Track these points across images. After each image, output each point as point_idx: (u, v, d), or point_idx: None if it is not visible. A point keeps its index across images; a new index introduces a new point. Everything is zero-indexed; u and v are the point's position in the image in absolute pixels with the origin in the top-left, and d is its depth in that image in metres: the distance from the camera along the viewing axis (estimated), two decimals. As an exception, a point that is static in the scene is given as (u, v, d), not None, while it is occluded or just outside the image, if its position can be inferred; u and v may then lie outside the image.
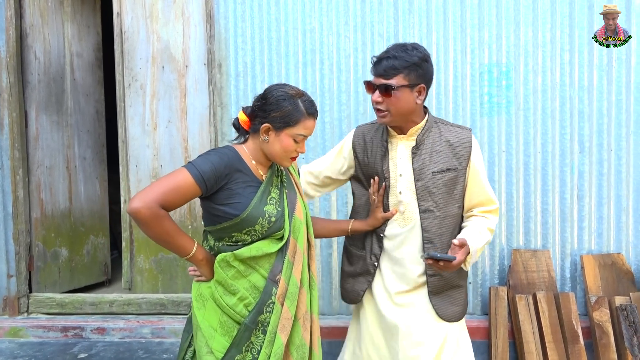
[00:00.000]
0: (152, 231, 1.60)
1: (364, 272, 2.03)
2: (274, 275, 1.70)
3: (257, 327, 1.68)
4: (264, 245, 1.70)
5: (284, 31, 3.02)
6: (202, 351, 1.69)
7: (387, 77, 1.84)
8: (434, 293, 1.93)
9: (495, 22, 2.90)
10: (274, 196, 1.74)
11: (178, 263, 3.27)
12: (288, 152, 1.72)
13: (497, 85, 2.90)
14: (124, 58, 3.28)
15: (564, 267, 2.92)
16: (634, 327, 2.60)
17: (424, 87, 1.88)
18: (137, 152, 3.29)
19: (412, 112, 1.90)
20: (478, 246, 1.87)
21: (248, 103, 3.03)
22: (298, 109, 1.69)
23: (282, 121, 1.68)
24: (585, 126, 2.87)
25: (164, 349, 2.91)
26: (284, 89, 1.73)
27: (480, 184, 1.96)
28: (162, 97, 3.24)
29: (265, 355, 1.66)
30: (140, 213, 1.55)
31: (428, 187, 1.91)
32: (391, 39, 2.95)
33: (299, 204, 1.81)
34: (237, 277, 1.69)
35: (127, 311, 3.21)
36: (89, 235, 3.71)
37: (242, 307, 1.68)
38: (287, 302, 1.71)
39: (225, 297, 1.68)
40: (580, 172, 2.89)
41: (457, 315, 1.96)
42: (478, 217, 1.97)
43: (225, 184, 1.66)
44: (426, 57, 1.87)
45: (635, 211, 2.87)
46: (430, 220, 1.92)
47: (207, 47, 3.14)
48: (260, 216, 1.67)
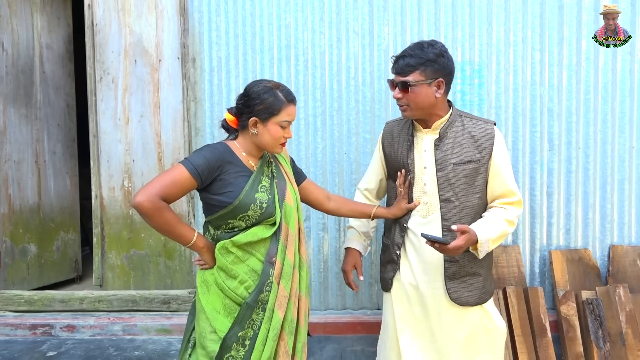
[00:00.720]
0: (155, 222, 1.76)
1: (390, 260, 2.17)
2: (270, 258, 1.87)
3: (258, 305, 1.85)
4: (258, 231, 1.86)
5: (258, 26, 3.01)
6: (205, 331, 1.85)
7: (404, 74, 1.97)
8: (450, 278, 2.04)
9: (469, 21, 2.93)
10: (264, 184, 1.90)
11: (150, 259, 3.24)
12: (277, 139, 1.88)
13: (469, 83, 2.94)
14: (95, 51, 3.22)
15: (533, 263, 2.99)
16: (599, 321, 2.67)
17: (443, 81, 1.98)
18: (108, 146, 3.24)
19: (434, 106, 2.01)
20: (491, 236, 1.96)
21: (222, 98, 3.03)
22: (278, 98, 1.86)
23: (267, 112, 1.84)
24: (554, 124, 2.93)
25: (136, 346, 2.87)
26: (262, 83, 1.89)
27: (501, 176, 2.04)
28: (135, 91, 3.20)
29: (265, 330, 1.84)
30: (143, 206, 1.72)
31: (449, 177, 2.02)
32: (366, 35, 2.96)
33: (288, 191, 1.96)
34: (237, 262, 1.86)
35: (98, 308, 3.16)
36: (59, 231, 3.64)
37: (242, 290, 1.85)
38: (282, 281, 1.89)
39: (227, 281, 1.85)
40: (549, 169, 2.95)
41: (472, 300, 2.05)
42: (497, 208, 2.06)
43: (218, 176, 1.83)
44: (442, 52, 1.97)
45: (601, 208, 2.94)
46: (449, 210, 2.02)
47: (181, 41, 3.10)
48: (252, 202, 1.83)
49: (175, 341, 2.92)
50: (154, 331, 3.00)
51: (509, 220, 2.02)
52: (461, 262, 2.04)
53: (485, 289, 2.09)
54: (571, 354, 2.66)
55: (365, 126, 2.98)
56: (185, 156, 3.13)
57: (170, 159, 3.19)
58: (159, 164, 3.20)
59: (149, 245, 3.24)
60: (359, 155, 2.99)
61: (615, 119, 2.91)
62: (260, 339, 1.83)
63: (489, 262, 2.13)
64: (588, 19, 2.89)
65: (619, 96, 2.90)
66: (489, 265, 2.14)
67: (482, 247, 1.95)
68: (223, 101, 3.03)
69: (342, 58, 2.98)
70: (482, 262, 2.07)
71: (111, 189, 3.25)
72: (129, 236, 3.25)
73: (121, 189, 3.24)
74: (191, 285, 3.17)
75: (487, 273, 2.12)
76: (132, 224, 3.24)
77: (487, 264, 2.12)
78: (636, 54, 2.89)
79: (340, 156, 3.00)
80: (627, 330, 2.67)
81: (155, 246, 3.23)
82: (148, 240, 3.23)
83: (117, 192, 3.25)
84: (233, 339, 1.83)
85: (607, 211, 2.94)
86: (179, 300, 3.12)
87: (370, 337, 2.91)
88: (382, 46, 2.96)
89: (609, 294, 2.75)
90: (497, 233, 1.98)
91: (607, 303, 2.73)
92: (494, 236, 1.97)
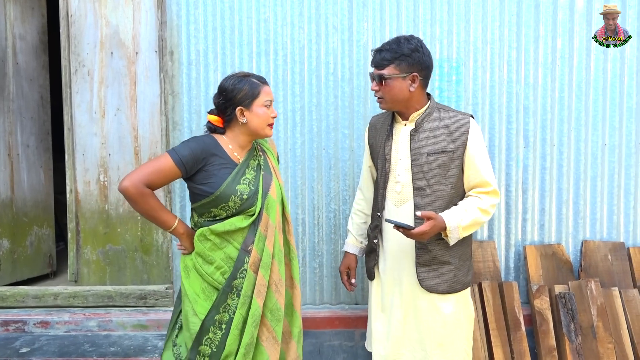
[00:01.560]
0: (139, 207, 1.92)
1: (371, 250, 2.28)
2: (246, 246, 1.97)
3: (232, 290, 1.95)
4: (236, 221, 1.97)
5: (237, 20, 2.99)
6: (188, 314, 1.97)
7: (381, 67, 2.05)
8: (422, 265, 2.10)
9: (447, 19, 2.95)
10: (248, 177, 2.00)
11: (127, 254, 3.20)
12: (265, 119, 2.00)
13: (447, 80, 2.97)
14: (70, 42, 3.16)
15: (509, 257, 3.03)
16: (571, 314, 2.73)
17: (417, 75, 2.03)
18: (84, 140, 3.19)
19: (408, 99, 2.08)
20: (461, 223, 2.01)
21: (200, 92, 3.00)
22: (253, 83, 1.99)
23: (248, 98, 1.97)
24: (530, 122, 2.98)
25: (112, 342, 2.84)
26: (234, 76, 2.02)
27: (476, 167, 2.08)
28: (111, 84, 3.15)
29: (240, 316, 1.95)
30: (128, 191, 1.87)
31: (422, 167, 2.07)
32: (345, 31, 2.96)
33: (273, 185, 2.06)
34: (214, 249, 1.97)
35: (73, 304, 3.11)
36: (32, 226, 3.58)
37: (219, 275, 1.96)
38: (261, 270, 1.98)
39: (204, 266, 1.97)
40: (524, 165, 2.99)
41: (441, 288, 2.10)
42: (471, 196, 2.10)
43: (203, 167, 1.94)
44: (417, 47, 2.03)
45: (574, 204, 3.00)
46: (422, 198, 2.08)
47: (159, 34, 3.07)
48: (233, 194, 1.94)
49: (151, 337, 2.89)
50: (130, 327, 2.97)
51: (483, 209, 2.05)
52: (432, 249, 2.09)
53: (457, 278, 2.13)
54: (544, 347, 2.72)
55: (344, 122, 2.99)
56: (162, 150, 3.10)
57: (147, 153, 3.15)
58: (136, 158, 3.16)
59: (126, 240, 3.20)
60: (337, 150, 2.99)
61: (588, 117, 2.97)
62: (235, 323, 1.93)
63: (463, 252, 2.16)
64: (563, 17, 2.94)
65: (592, 94, 2.96)
66: (464, 255, 2.17)
67: (451, 233, 2.01)
68: (201, 95, 3.01)
69: (322, 53, 2.98)
70: (454, 251, 2.11)
71: (86, 183, 3.20)
72: (104, 231, 3.21)
73: (97, 183, 3.19)
74: (168, 281, 3.15)
75: (460, 263, 2.15)
76: (108, 218, 3.20)
77: (461, 254, 2.15)
78: (609, 53, 2.95)
79: (319, 151, 3.00)
80: (598, 324, 2.73)
81: (132, 241, 3.20)
82: (124, 235, 3.20)
83: (92, 186, 3.20)
84: (210, 322, 1.94)
85: (580, 207, 3.00)
86: (155, 295, 3.09)
87: (348, 331, 2.93)
88: (361, 42, 2.97)
89: (581, 288, 2.81)
90: (469, 221, 2.02)
91: (579, 297, 2.79)
92: (464, 224, 2.01)
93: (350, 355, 2.95)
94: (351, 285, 2.42)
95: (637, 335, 2.74)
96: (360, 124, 2.98)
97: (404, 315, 2.16)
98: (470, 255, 2.24)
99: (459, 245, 2.11)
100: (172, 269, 3.09)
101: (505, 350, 2.72)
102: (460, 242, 2.11)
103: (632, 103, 2.96)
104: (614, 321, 2.76)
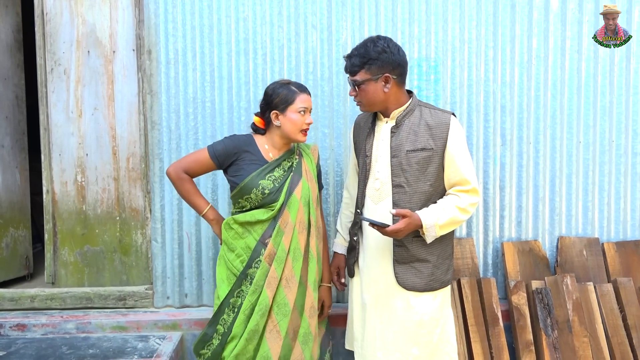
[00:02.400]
0: (178, 189, 2.29)
1: (352, 247, 2.30)
2: (264, 239, 2.16)
3: (246, 278, 2.16)
4: (257, 213, 2.17)
5: (216, 19, 2.97)
6: (216, 297, 2.25)
7: (353, 74, 2.09)
8: (399, 262, 2.11)
9: (425, 18, 2.98)
10: (275, 175, 2.19)
11: (105, 256, 3.16)
12: (298, 125, 2.17)
13: (425, 79, 2.99)
14: (45, 41, 3.11)
15: (487, 254, 3.07)
16: (548, 309, 2.78)
17: (389, 76, 2.03)
18: (60, 140, 3.14)
19: (385, 100, 2.09)
20: (438, 221, 2.01)
21: (179, 91, 2.98)
22: (291, 90, 2.17)
23: (283, 103, 2.16)
24: (507, 120, 3.02)
25: (90, 344, 2.81)
26: (276, 82, 2.23)
27: (456, 165, 2.08)
28: (88, 83, 3.11)
29: (249, 302, 2.13)
30: (170, 175, 2.27)
31: (401, 164, 2.07)
32: (324, 30, 2.97)
33: (300, 186, 2.21)
34: (236, 237, 2.19)
35: (50, 306, 3.07)
36: (8, 227, 3.51)
37: (238, 262, 2.18)
38: (274, 263, 2.14)
39: (228, 253, 2.21)
40: (502, 163, 3.03)
41: (418, 286, 2.09)
42: (450, 195, 2.10)
43: (235, 160, 2.20)
44: (384, 49, 2.03)
45: (550, 200, 3.05)
46: (400, 195, 2.08)
47: (136, 33, 3.03)
48: (255, 187, 2.14)
49: (131, 338, 2.87)
50: (109, 328, 2.94)
51: (461, 208, 2.05)
52: (409, 247, 2.09)
53: (435, 276, 2.12)
54: (521, 341, 2.76)
55: (323, 120, 2.99)
56: (141, 150, 3.07)
57: (125, 153, 3.12)
58: (114, 158, 3.13)
59: (104, 241, 3.17)
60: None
61: (563, 115, 3.02)
62: (243, 308, 2.13)
63: (442, 250, 2.15)
64: (538, 17, 2.99)
65: (567, 93, 3.01)
66: (443, 254, 2.16)
67: (428, 231, 2.01)
68: (180, 94, 2.99)
69: (301, 52, 2.99)
70: (433, 249, 2.11)
71: (63, 183, 3.16)
72: (82, 232, 3.17)
73: (74, 183, 3.15)
74: (148, 282, 3.12)
75: (439, 261, 2.14)
76: (86, 219, 3.16)
77: (440, 253, 2.14)
78: (583, 53, 3.00)
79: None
80: (574, 318, 2.79)
81: (111, 242, 3.17)
82: (103, 236, 3.16)
83: (69, 186, 3.15)
84: (226, 305, 2.18)
85: (556, 204, 3.05)
86: (135, 296, 3.06)
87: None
88: (340, 41, 2.98)
89: (557, 284, 2.86)
90: (446, 219, 2.02)
91: (555, 292, 2.84)
92: (441, 222, 2.01)
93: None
94: (342, 285, 2.42)
95: (612, 329, 2.80)
96: (340, 122, 2.99)
97: (379, 314, 2.15)
98: (451, 254, 2.23)
99: (437, 243, 2.11)
100: (151, 270, 3.06)
101: (483, 346, 2.76)
102: (440, 240, 2.11)
103: (605, 102, 3.02)
104: (589, 315, 2.82)
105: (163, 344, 2.79)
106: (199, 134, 3.00)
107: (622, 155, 3.04)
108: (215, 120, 2.99)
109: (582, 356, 2.71)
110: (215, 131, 2.99)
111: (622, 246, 3.03)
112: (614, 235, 3.08)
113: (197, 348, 2.25)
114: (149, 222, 3.07)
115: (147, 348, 2.75)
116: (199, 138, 3.00)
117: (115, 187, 3.14)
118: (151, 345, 2.78)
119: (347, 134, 2.97)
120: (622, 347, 2.76)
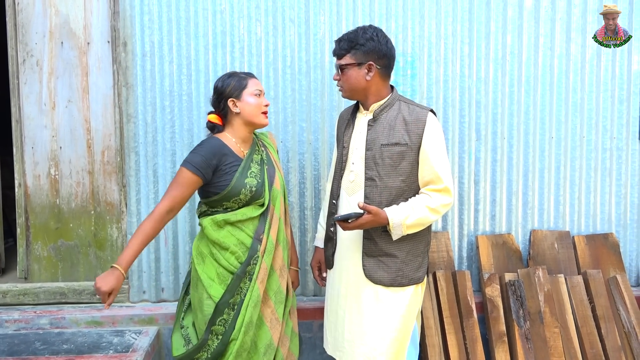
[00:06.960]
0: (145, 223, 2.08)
1: (328, 239, 2.29)
2: (259, 235, 2.16)
3: (245, 275, 2.14)
4: (247, 211, 2.15)
5: (193, 11, 2.95)
6: (202, 297, 2.14)
7: (339, 57, 2.10)
8: (368, 255, 2.13)
9: (402, 14, 3.00)
10: (254, 170, 2.17)
11: (80, 250, 3.12)
12: (257, 107, 2.15)
13: (402, 74, 3.02)
14: (17, 32, 3.04)
15: (462, 247, 3.13)
16: (520, 301, 2.84)
17: (373, 64, 2.04)
18: (33, 132, 3.08)
19: (366, 89, 2.10)
20: (405, 221, 2.00)
21: (155, 84, 2.96)
22: (240, 76, 2.17)
23: (237, 90, 2.14)
24: (481, 115, 3.07)
25: (64, 339, 2.78)
26: (222, 76, 2.21)
27: (430, 162, 2.05)
28: (62, 75, 3.05)
29: (249, 298, 2.12)
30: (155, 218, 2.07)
31: (375, 157, 2.08)
32: (302, 24, 2.97)
33: (277, 177, 2.25)
34: (227, 236, 2.14)
35: (23, 301, 3.02)
36: (-22, 222, 3.44)
37: (234, 260, 2.14)
38: (265, 256, 2.16)
39: (221, 252, 2.14)
40: (476, 158, 3.08)
41: (385, 280, 2.09)
42: (422, 194, 2.08)
43: (217, 167, 2.10)
44: (372, 36, 2.05)
45: (523, 195, 3.11)
46: (371, 189, 2.09)
47: (111, 24, 2.99)
48: (243, 187, 2.11)
49: (106, 333, 2.84)
50: (83, 324, 2.91)
51: (431, 208, 2.02)
52: (378, 241, 2.09)
53: (403, 272, 2.09)
54: (495, 332, 2.82)
55: (301, 115, 3.00)
56: (116, 143, 3.04)
57: (100, 146, 3.08)
58: (89, 151, 3.08)
59: (78, 235, 3.12)
60: (295, 143, 3.01)
61: (536, 111, 3.08)
62: (245, 305, 2.12)
63: (412, 247, 2.12)
64: (513, 14, 3.04)
65: (540, 89, 3.07)
66: (414, 251, 2.12)
67: (394, 230, 2.01)
68: (156, 87, 2.96)
69: (278, 46, 2.98)
70: (402, 245, 2.09)
71: (36, 177, 3.10)
72: (56, 226, 3.12)
73: (47, 177, 3.10)
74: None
75: (409, 258, 2.11)
76: (60, 213, 3.11)
77: (410, 249, 2.11)
78: (555, 50, 3.07)
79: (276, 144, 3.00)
80: (545, 309, 2.85)
81: (85, 236, 3.12)
82: (77, 230, 3.12)
83: (42, 180, 3.10)
84: (225, 305, 2.11)
85: (529, 198, 3.12)
86: (110, 291, 3.03)
87: (306, 323, 2.95)
88: (318, 35, 2.98)
89: (530, 276, 2.92)
90: (414, 219, 2.00)
91: (528, 284, 2.90)
92: (409, 222, 1.99)
93: (309, 347, 2.98)
94: (322, 280, 2.42)
95: (581, 320, 2.88)
96: (318, 117, 3.00)
97: (349, 305, 2.15)
98: (424, 252, 2.18)
99: (408, 240, 2.09)
100: (127, 264, 3.03)
101: (458, 337, 2.81)
102: (411, 238, 2.09)
103: (576, 98, 3.10)
104: (560, 307, 2.89)
105: (139, 339, 2.77)
106: (175, 127, 2.98)
107: (592, 150, 3.12)
108: (192, 114, 2.98)
109: (553, 346, 2.78)
110: (192, 124, 2.97)
111: (591, 239, 3.11)
112: (584, 228, 3.16)
113: (192, 354, 2.14)
114: (124, 216, 3.04)
115: (122, 343, 2.73)
116: (176, 131, 2.98)
117: (90, 180, 3.10)
118: (127, 340, 2.76)
119: (325, 128, 2.98)
120: (591, 337, 2.84)
